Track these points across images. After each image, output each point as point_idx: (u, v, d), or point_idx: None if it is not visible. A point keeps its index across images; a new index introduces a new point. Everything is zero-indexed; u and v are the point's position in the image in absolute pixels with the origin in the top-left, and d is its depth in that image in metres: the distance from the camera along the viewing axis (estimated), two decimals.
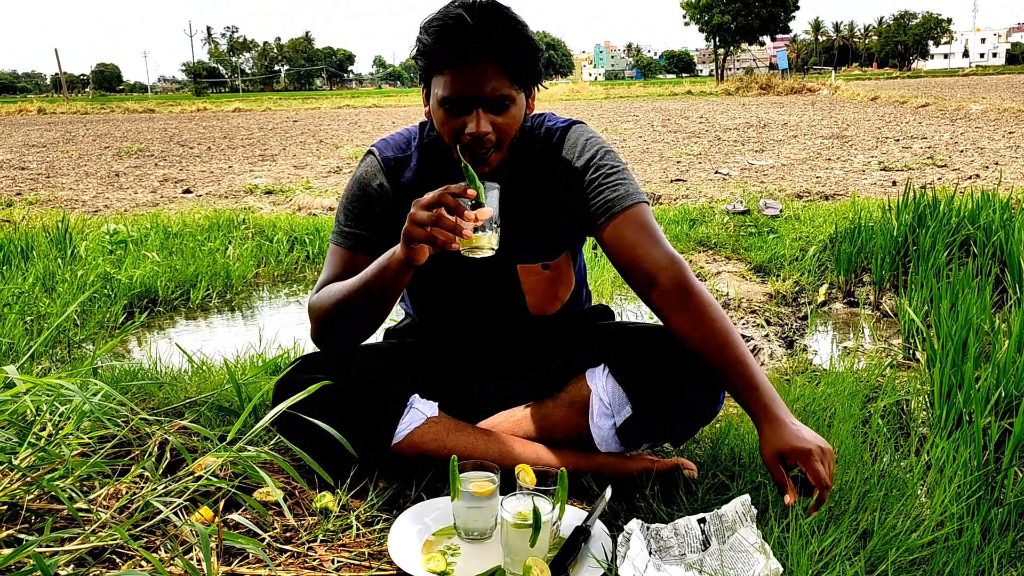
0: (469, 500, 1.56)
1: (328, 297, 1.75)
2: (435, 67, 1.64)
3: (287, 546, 1.58)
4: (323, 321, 1.77)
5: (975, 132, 12.51)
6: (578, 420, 1.86)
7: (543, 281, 1.91)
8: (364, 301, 1.69)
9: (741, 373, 1.61)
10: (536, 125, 1.85)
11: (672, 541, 1.51)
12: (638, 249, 1.70)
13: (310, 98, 49.61)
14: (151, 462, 1.67)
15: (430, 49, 1.62)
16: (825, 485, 1.47)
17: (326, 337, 1.81)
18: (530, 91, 1.74)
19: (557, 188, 1.82)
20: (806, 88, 34.32)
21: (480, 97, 1.61)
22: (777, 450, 1.52)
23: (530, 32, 1.66)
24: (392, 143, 1.88)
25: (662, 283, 1.67)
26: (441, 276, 1.89)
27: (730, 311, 3.68)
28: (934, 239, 3.74)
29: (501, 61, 1.61)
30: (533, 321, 1.96)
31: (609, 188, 1.75)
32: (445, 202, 1.47)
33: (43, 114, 32.72)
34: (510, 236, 1.77)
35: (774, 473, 1.53)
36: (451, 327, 2.01)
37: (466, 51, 1.58)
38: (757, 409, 1.58)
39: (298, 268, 4.81)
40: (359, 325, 1.76)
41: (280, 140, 15.60)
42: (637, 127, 16.34)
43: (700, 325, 1.64)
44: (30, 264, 4.11)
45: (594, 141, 1.82)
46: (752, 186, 7.47)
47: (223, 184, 8.82)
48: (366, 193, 1.83)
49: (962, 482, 1.70)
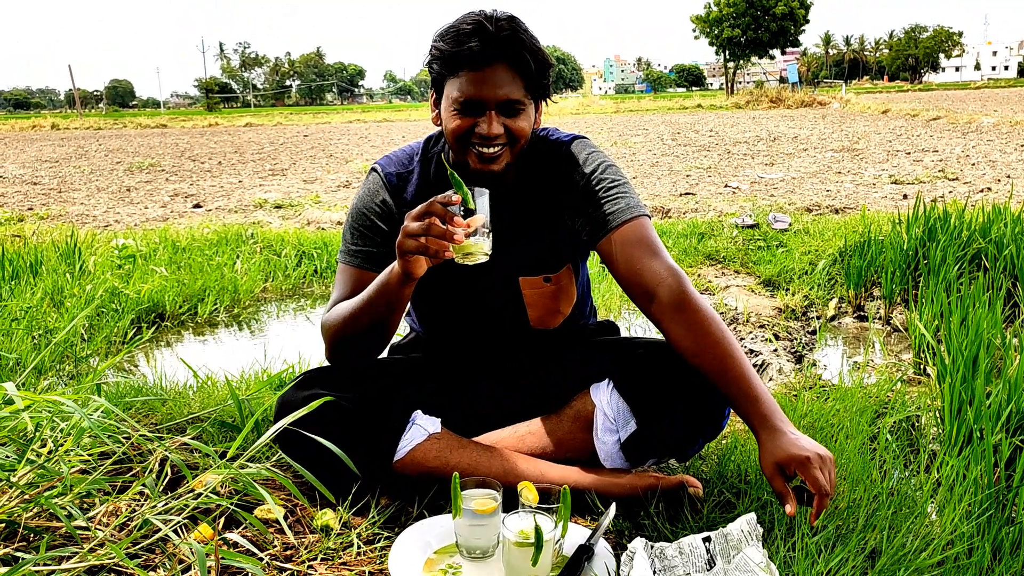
0: (471, 518, 1.55)
1: (338, 316, 1.76)
2: (450, 70, 1.67)
3: (287, 564, 1.56)
4: (335, 339, 1.79)
5: (987, 145, 12.46)
6: (582, 436, 1.85)
7: (545, 295, 1.90)
8: (370, 318, 1.70)
9: (740, 385, 1.59)
10: (540, 139, 1.87)
11: (676, 560, 1.48)
12: (637, 262, 1.71)
13: (321, 113, 49.93)
14: (151, 479, 1.66)
15: (446, 53, 1.66)
16: (824, 492, 1.43)
17: (339, 355, 1.83)
18: (539, 105, 1.77)
19: (559, 200, 1.83)
20: (816, 101, 34.26)
21: (494, 99, 1.65)
22: (775, 460, 1.50)
23: (543, 47, 1.71)
24: (395, 159, 1.89)
25: (660, 295, 1.67)
26: (443, 290, 1.89)
27: (739, 325, 3.66)
28: (945, 253, 3.70)
29: (516, 68, 1.66)
30: (535, 335, 1.95)
31: (610, 201, 1.76)
32: (434, 211, 1.48)
33: (56, 130, 33.04)
34: (512, 248, 1.80)
35: (774, 484, 1.50)
36: (454, 341, 2.01)
37: (484, 54, 1.63)
38: (756, 420, 1.56)
39: (306, 282, 4.81)
40: (368, 341, 1.76)
41: (290, 154, 15.68)
42: (647, 140, 16.35)
43: (699, 337, 1.63)
44: (39, 279, 4.12)
45: (596, 155, 1.83)
46: (762, 199, 7.45)
47: (233, 199, 8.86)
48: (370, 210, 1.84)
49: (972, 500, 1.67)
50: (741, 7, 56.24)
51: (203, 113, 54.10)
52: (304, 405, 1.67)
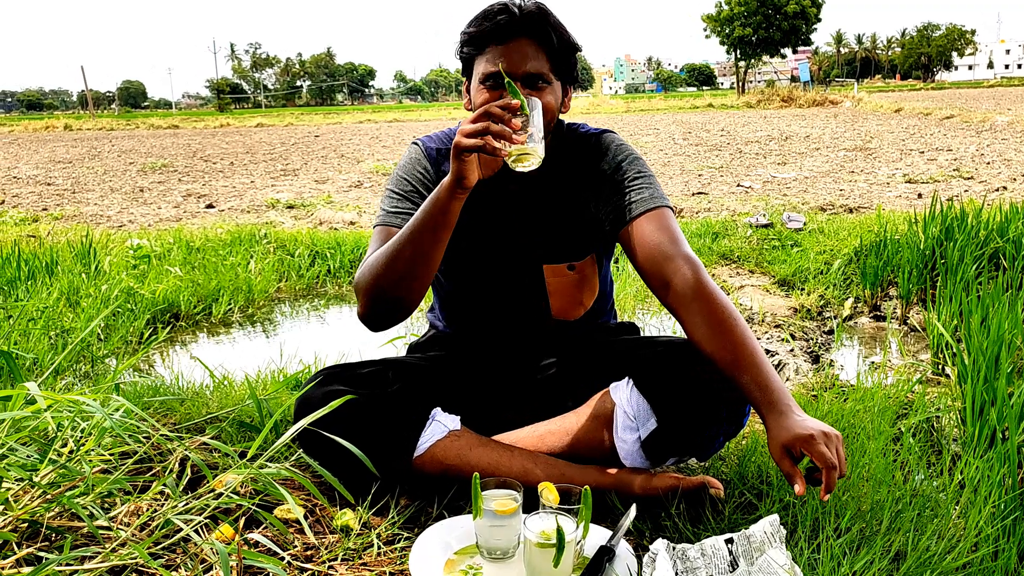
0: (491, 518, 1.54)
1: (375, 259, 1.71)
2: (478, 48, 1.74)
3: (308, 564, 1.56)
4: (372, 284, 1.70)
5: (1001, 144, 12.38)
6: (602, 434, 1.84)
7: (568, 283, 1.93)
8: (414, 247, 1.65)
9: (751, 373, 1.58)
10: (570, 130, 1.94)
11: (699, 562, 1.47)
12: (656, 250, 1.74)
13: (332, 113, 50.01)
14: (172, 479, 1.66)
15: (474, 33, 1.73)
16: (831, 465, 1.40)
17: (375, 304, 1.73)
18: (566, 89, 1.83)
19: (587, 188, 1.88)
20: (828, 100, 34.12)
21: (520, 71, 1.69)
22: (781, 442, 1.47)
23: (569, 32, 1.78)
24: (435, 137, 1.95)
25: (677, 284, 1.69)
26: (468, 272, 1.93)
27: (754, 325, 3.64)
28: (962, 252, 3.68)
29: (541, 43, 1.72)
30: (556, 326, 1.96)
31: (636, 191, 1.82)
32: (493, 112, 1.51)
33: (69, 131, 33.17)
34: (537, 234, 1.86)
35: (782, 466, 1.47)
36: (475, 330, 2.02)
37: (509, 27, 1.70)
38: (764, 407, 1.54)
39: (319, 282, 4.81)
40: (407, 280, 1.68)
41: (302, 155, 15.71)
42: (658, 140, 16.31)
43: (713, 324, 1.63)
44: (55, 279, 4.14)
45: (625, 147, 1.90)
46: (775, 199, 7.42)
47: (245, 199, 8.88)
48: (412, 175, 1.87)
49: (997, 502, 1.66)
50: (752, 6, 56.01)
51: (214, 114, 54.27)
52: (323, 402, 1.67)
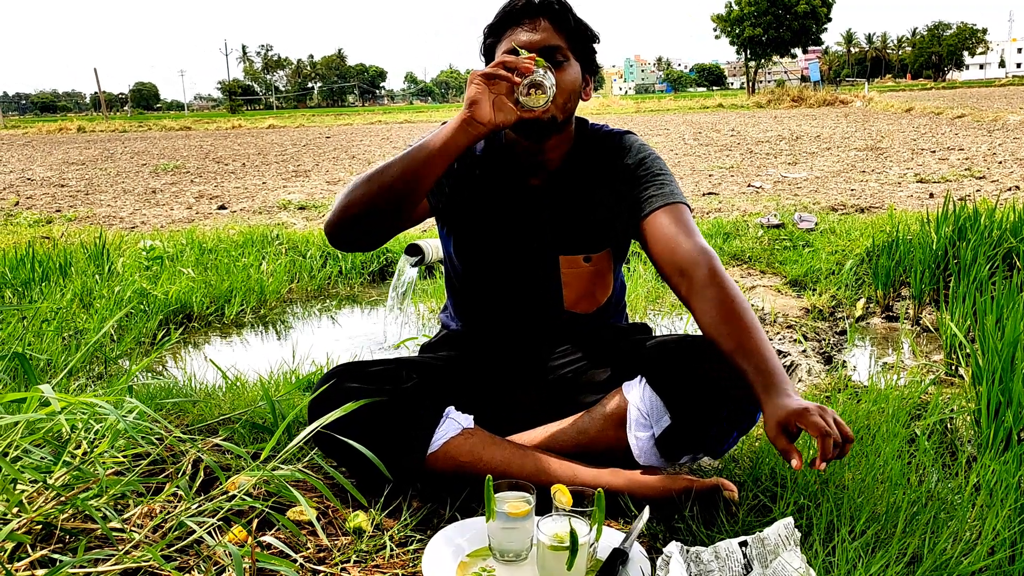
0: (504, 521, 1.54)
1: (365, 174, 1.69)
2: (498, 33, 1.82)
3: (320, 567, 1.56)
4: (351, 191, 1.68)
5: (1013, 143, 12.29)
6: (616, 433, 1.85)
7: (582, 276, 1.94)
8: (405, 163, 1.65)
9: (753, 359, 1.57)
10: (595, 129, 1.98)
11: (713, 565, 1.47)
12: (672, 242, 1.77)
13: (343, 114, 50.15)
14: (185, 480, 1.67)
15: (494, 23, 1.82)
16: (825, 432, 1.39)
17: (346, 218, 1.68)
18: (585, 77, 1.88)
19: (607, 183, 1.91)
20: (839, 100, 34.00)
21: (536, 44, 1.75)
22: (777, 421, 1.46)
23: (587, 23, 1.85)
24: None
25: (692, 274, 1.71)
26: (483, 259, 1.96)
27: (766, 326, 3.63)
28: (975, 252, 3.65)
29: (558, 24, 1.78)
30: (568, 319, 1.97)
31: (655, 186, 1.86)
32: (506, 60, 1.61)
33: (82, 132, 33.36)
34: (555, 226, 1.91)
35: (777, 444, 1.47)
36: (488, 321, 2.03)
37: (526, 8, 1.77)
38: (762, 389, 1.53)
39: (331, 283, 4.82)
40: (388, 193, 1.66)
41: (313, 156, 15.74)
42: (668, 140, 16.29)
43: (720, 311, 1.65)
44: (68, 280, 4.16)
45: (645, 147, 1.95)
46: (786, 199, 7.39)
47: (257, 200, 8.90)
48: None
49: (1014, 505, 1.64)
50: (762, 6, 55.85)
51: (226, 115, 54.42)
52: (338, 400, 1.69)
